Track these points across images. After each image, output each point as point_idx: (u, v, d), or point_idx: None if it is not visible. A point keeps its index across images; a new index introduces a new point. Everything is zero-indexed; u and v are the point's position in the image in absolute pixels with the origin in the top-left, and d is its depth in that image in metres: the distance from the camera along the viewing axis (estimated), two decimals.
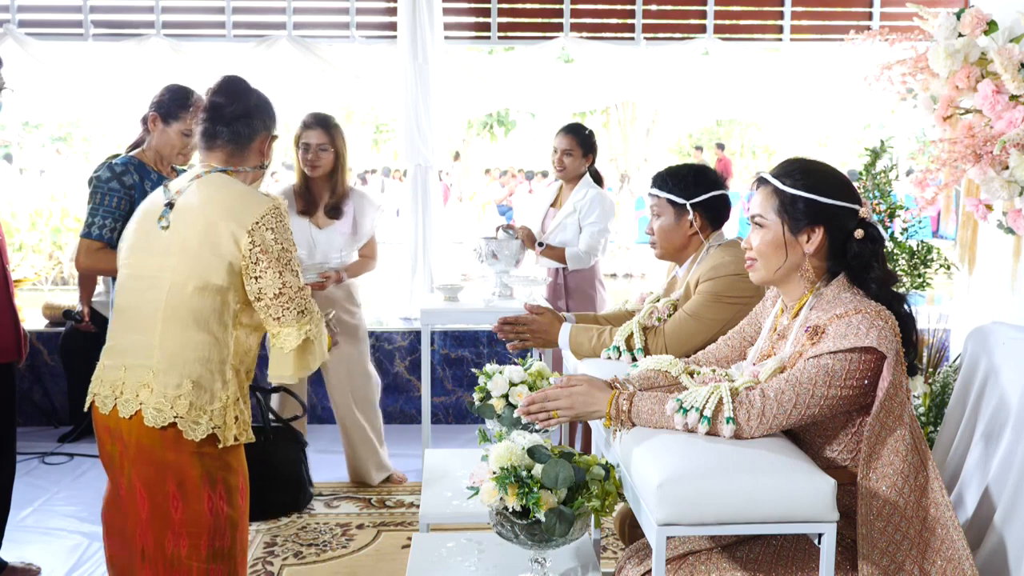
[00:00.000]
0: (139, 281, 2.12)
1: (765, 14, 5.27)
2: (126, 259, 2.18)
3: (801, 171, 1.87)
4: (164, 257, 2.09)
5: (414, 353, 4.98)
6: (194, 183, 2.15)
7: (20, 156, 16.26)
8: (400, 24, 4.92)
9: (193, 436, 2.05)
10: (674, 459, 1.63)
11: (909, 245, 3.57)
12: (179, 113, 2.97)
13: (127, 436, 2.07)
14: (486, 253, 3.83)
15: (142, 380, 2.05)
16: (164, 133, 3.00)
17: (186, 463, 2.07)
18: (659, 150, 16.16)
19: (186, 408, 2.04)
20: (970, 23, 2.67)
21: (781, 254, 1.86)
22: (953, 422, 2.34)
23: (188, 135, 2.94)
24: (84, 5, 5.12)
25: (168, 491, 2.07)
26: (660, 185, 2.50)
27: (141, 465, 2.07)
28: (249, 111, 2.21)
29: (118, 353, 2.13)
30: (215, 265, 2.06)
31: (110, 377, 2.10)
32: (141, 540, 2.09)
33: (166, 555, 2.08)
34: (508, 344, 2.57)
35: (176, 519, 2.08)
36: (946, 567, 1.73)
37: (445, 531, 2.33)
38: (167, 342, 2.06)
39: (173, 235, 2.10)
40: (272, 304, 2.09)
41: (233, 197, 2.11)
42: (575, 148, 4.14)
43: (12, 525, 3.15)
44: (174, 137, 2.99)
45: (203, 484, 2.09)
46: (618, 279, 11.82)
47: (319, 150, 3.72)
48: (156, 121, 2.99)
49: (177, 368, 2.05)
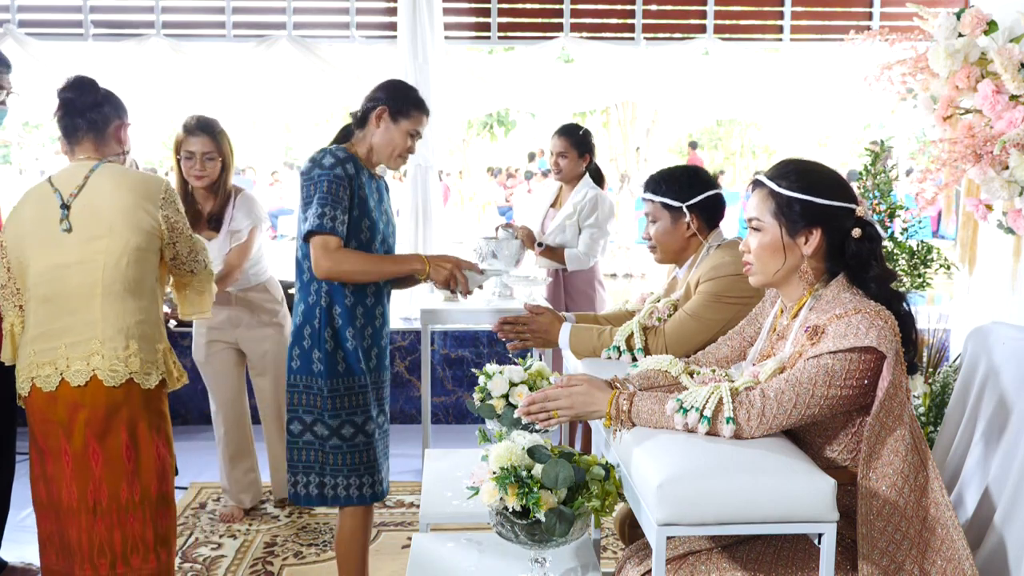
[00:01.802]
0: (61, 270, 2.35)
1: (765, 14, 5.27)
2: (33, 253, 2.36)
3: (796, 172, 1.86)
4: (89, 242, 2.34)
5: (414, 353, 4.99)
6: (91, 178, 2.38)
7: (20, 156, 16.26)
8: (400, 24, 4.92)
9: (148, 386, 2.38)
10: (674, 459, 1.63)
11: (909, 245, 3.57)
12: (411, 111, 2.61)
13: (80, 400, 2.34)
14: (486, 253, 3.83)
15: (89, 351, 2.33)
16: (389, 130, 2.59)
17: (137, 414, 2.38)
18: (659, 150, 16.15)
19: (138, 364, 2.36)
20: (970, 23, 2.66)
21: (779, 257, 1.86)
22: (953, 422, 2.34)
23: (415, 136, 2.64)
24: (84, 5, 5.12)
25: (122, 441, 2.37)
26: (654, 189, 2.49)
27: (96, 423, 2.34)
28: (99, 101, 2.46)
29: (52, 337, 2.36)
30: (142, 239, 2.38)
31: (48, 359, 2.35)
32: (93, 496, 2.36)
33: (121, 503, 2.37)
34: (508, 344, 2.57)
35: (129, 468, 2.38)
36: (946, 567, 1.73)
37: (445, 531, 2.33)
38: (109, 314, 2.34)
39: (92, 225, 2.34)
40: (187, 261, 2.52)
41: (135, 180, 2.42)
42: (569, 150, 4.14)
43: (12, 525, 3.15)
44: (398, 136, 2.61)
45: (150, 432, 2.41)
46: (618, 279, 11.82)
47: (205, 159, 3.37)
48: (383, 116, 2.59)
49: (123, 333, 2.35)
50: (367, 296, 2.56)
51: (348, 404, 2.53)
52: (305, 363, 2.52)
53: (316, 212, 2.43)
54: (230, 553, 3.37)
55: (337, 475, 2.53)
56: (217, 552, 3.38)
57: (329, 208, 2.43)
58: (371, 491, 2.58)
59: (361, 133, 2.62)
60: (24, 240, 2.39)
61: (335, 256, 2.44)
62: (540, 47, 5.18)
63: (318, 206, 2.43)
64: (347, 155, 2.52)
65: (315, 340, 2.51)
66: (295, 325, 2.57)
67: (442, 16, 4.99)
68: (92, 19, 5.13)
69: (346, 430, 2.53)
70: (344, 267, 2.46)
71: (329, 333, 2.50)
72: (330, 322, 2.50)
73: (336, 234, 2.43)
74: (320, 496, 2.56)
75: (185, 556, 3.33)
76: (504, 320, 2.56)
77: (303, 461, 2.56)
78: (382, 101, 2.59)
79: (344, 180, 2.47)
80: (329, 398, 2.50)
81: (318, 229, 2.42)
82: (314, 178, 2.47)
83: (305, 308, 2.54)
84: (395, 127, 2.58)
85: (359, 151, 2.60)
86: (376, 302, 2.60)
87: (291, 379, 2.56)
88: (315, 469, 2.55)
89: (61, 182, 2.39)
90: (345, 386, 2.53)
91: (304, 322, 2.54)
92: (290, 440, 2.57)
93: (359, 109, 2.63)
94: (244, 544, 3.45)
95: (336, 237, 2.44)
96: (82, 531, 2.37)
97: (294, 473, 2.58)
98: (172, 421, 2.54)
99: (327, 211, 2.43)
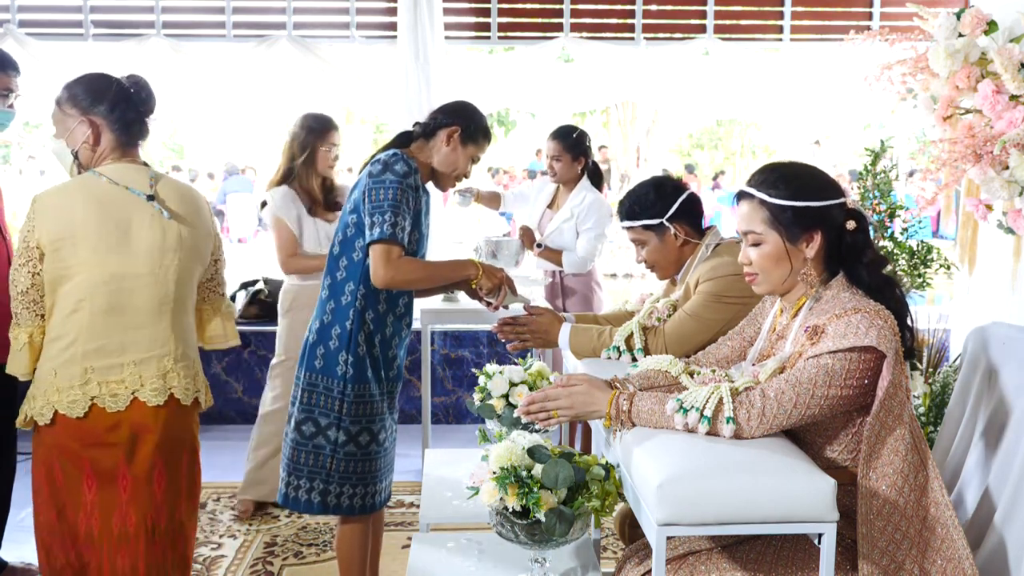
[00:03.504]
0: (129, 281, 2.20)
1: (765, 14, 5.27)
2: (88, 259, 2.16)
3: (783, 179, 1.85)
4: (162, 254, 2.23)
5: (414, 353, 4.99)
6: (157, 187, 2.25)
7: (19, 156, 16.26)
8: (400, 24, 4.92)
9: (206, 404, 2.36)
10: (674, 459, 1.63)
11: (909, 245, 3.57)
12: (481, 139, 2.57)
13: (154, 422, 2.23)
14: (486, 253, 3.83)
15: (163, 368, 2.24)
16: (456, 152, 2.53)
17: (192, 432, 2.35)
18: (659, 150, 16.16)
19: (202, 382, 2.35)
20: (970, 23, 2.67)
21: (785, 264, 1.86)
22: (953, 422, 2.34)
23: (475, 162, 2.60)
24: (84, 5, 5.12)
25: (183, 461, 2.31)
26: (630, 216, 2.50)
27: (167, 445, 2.26)
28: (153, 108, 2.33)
29: (116, 352, 2.19)
30: (205, 253, 2.35)
31: (114, 377, 2.19)
32: (153, 519, 2.25)
33: (175, 524, 2.30)
34: (508, 344, 2.57)
35: (184, 487, 2.32)
36: (946, 566, 1.73)
37: (445, 531, 2.33)
38: (178, 329, 2.28)
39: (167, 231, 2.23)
40: (222, 282, 2.46)
41: (193, 192, 2.36)
42: (563, 153, 4.13)
43: (12, 525, 3.15)
44: (463, 160, 2.54)
45: (197, 448, 2.38)
46: (618, 279, 11.81)
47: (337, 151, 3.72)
48: (455, 137, 2.52)
49: (190, 350, 2.31)
50: (398, 305, 2.52)
51: (369, 411, 2.47)
52: (330, 364, 2.44)
53: (388, 220, 2.35)
54: (230, 553, 3.37)
55: (344, 483, 2.45)
56: (217, 552, 3.38)
57: (400, 218, 2.37)
58: (372, 501, 2.52)
59: (425, 144, 2.55)
60: (77, 244, 2.15)
61: (398, 265, 2.36)
62: (540, 47, 5.18)
63: (391, 213, 2.36)
64: (416, 165, 2.47)
65: (344, 342, 2.43)
66: (320, 323, 2.48)
67: (442, 16, 5.00)
68: (92, 19, 5.13)
69: (363, 437, 2.46)
70: (406, 276, 2.39)
71: (363, 337, 2.44)
72: (363, 326, 2.44)
73: (400, 243, 2.37)
74: (322, 504, 2.45)
75: None
76: (504, 320, 2.56)
77: (308, 465, 2.45)
78: (458, 121, 2.53)
79: (412, 190, 2.42)
80: (354, 403, 2.43)
81: (389, 238, 2.34)
82: (386, 183, 2.38)
83: (337, 308, 2.46)
84: (462, 150, 2.54)
85: (419, 160, 2.53)
86: (406, 312, 2.55)
87: (310, 378, 2.46)
88: (320, 475, 2.44)
89: (128, 181, 2.22)
90: (370, 393, 2.46)
91: (334, 321, 2.45)
92: (298, 441, 2.47)
93: (427, 120, 2.57)
94: (244, 544, 3.45)
95: (400, 247, 2.37)
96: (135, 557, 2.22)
97: (297, 476, 2.46)
98: None
99: (398, 220, 2.36)
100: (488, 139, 2.60)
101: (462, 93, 5.14)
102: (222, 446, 4.53)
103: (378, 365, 2.47)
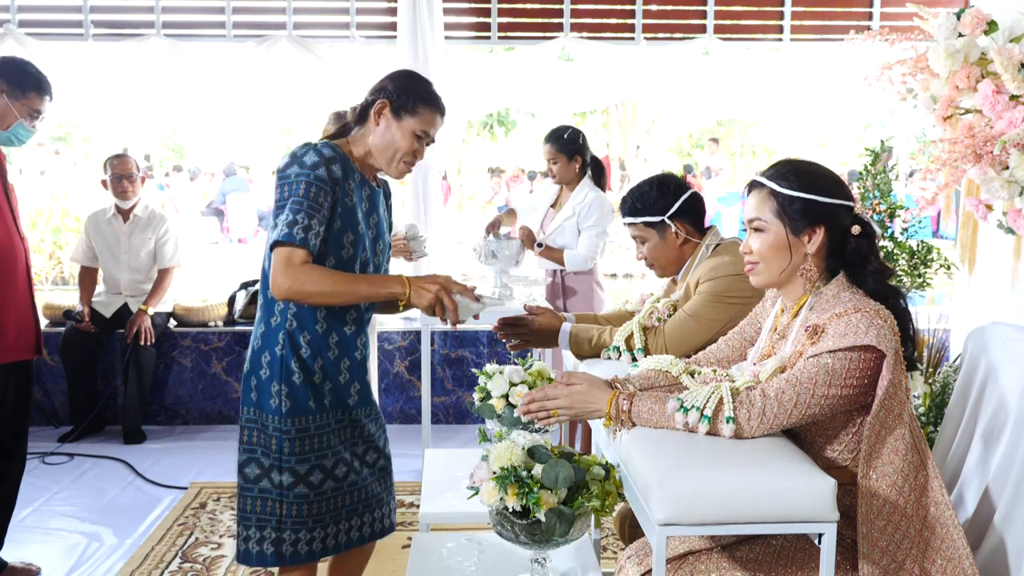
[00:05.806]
0: None
1: (765, 14, 5.27)
2: None
3: (795, 172, 1.87)
4: None
5: (414, 353, 4.99)
6: None
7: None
8: (400, 24, 4.92)
9: None
10: (674, 459, 1.63)
11: (909, 245, 3.57)
12: (419, 108, 2.14)
13: None
14: (486, 253, 3.83)
15: None
16: (390, 129, 2.14)
17: None
18: (659, 150, 16.16)
19: None
20: (970, 23, 2.67)
21: (785, 256, 1.86)
22: (953, 422, 2.34)
23: (423, 139, 2.17)
24: (84, 5, 5.12)
25: None
26: (632, 212, 2.50)
27: None
28: None
29: None
30: None
31: None
32: None
33: None
34: (508, 344, 2.57)
35: None
36: (946, 566, 1.73)
37: (445, 531, 2.33)
38: None
39: None
40: None
41: None
42: (557, 155, 4.17)
43: (12, 525, 3.15)
44: (401, 137, 2.14)
45: None
46: (618, 279, 11.81)
47: None
48: (384, 112, 2.14)
49: None
50: (345, 323, 2.15)
51: (317, 446, 2.11)
52: (263, 397, 2.09)
53: (287, 219, 1.98)
54: (230, 553, 3.37)
55: (299, 528, 2.09)
56: (217, 552, 3.38)
57: (303, 216, 1.98)
58: (337, 540, 2.15)
59: (360, 130, 2.18)
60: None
61: (297, 273, 1.97)
62: (540, 47, 5.18)
63: (291, 212, 1.99)
64: (335, 154, 2.08)
65: (276, 371, 2.08)
66: (252, 349, 2.14)
67: (442, 16, 4.99)
68: (92, 19, 5.13)
69: (314, 476, 2.10)
70: (307, 287, 1.98)
71: (296, 364, 2.08)
72: (295, 351, 2.08)
73: (306, 247, 1.98)
74: (276, 555, 2.08)
75: (185, 556, 3.33)
76: (504, 320, 2.56)
77: (256, 512, 2.09)
78: (385, 93, 2.15)
79: (326, 184, 2.03)
80: (296, 439, 2.07)
81: (286, 240, 1.97)
82: (290, 178, 2.03)
83: (266, 331, 2.11)
84: (397, 125, 2.13)
85: (354, 151, 2.16)
86: (358, 330, 2.18)
87: (248, 413, 2.12)
88: (271, 523, 2.08)
89: None
90: (315, 426, 2.10)
91: (263, 347, 2.11)
92: (243, 486, 2.12)
93: (362, 102, 2.20)
94: None
95: (304, 250, 1.98)
96: None
97: (246, 526, 2.10)
98: (172, 421, 2.49)
99: (300, 219, 1.98)
100: (431, 107, 2.16)
101: (462, 93, 5.16)
102: (222, 446, 4.54)
103: (321, 394, 2.11)
